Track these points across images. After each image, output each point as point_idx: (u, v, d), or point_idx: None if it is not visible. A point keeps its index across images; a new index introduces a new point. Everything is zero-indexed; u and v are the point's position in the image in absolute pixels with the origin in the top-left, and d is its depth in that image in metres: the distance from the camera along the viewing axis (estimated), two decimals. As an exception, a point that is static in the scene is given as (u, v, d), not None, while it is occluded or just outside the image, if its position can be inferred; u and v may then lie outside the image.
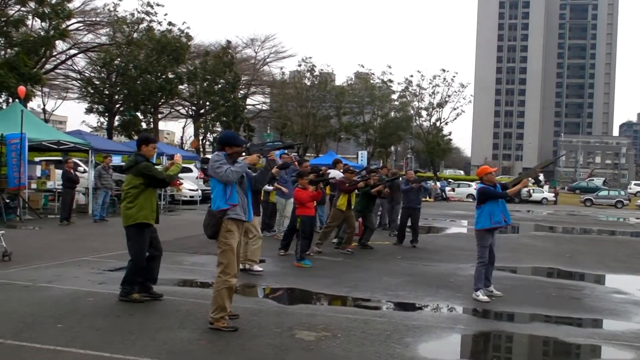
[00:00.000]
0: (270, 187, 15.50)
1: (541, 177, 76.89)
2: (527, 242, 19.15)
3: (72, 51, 43.77)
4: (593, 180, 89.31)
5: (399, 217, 17.79)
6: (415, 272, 12.10)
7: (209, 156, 11.43)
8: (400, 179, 17.72)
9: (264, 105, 68.71)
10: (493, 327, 8.33)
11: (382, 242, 16.35)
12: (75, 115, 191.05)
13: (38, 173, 22.78)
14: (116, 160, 32.82)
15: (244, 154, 7.45)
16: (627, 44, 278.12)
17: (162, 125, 58.76)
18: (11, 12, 30.58)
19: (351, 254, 14.07)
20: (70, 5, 33.21)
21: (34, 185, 22.07)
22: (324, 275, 11.08)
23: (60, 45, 38.69)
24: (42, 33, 31.75)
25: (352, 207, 14.27)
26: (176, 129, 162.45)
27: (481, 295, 9.37)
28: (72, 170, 19.67)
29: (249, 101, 62.25)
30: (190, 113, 59.63)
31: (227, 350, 6.38)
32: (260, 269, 10.96)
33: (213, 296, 7.11)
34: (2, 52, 30.18)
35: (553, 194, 57.03)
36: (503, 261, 12.98)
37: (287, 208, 15.52)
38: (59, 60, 43.57)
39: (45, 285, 9.24)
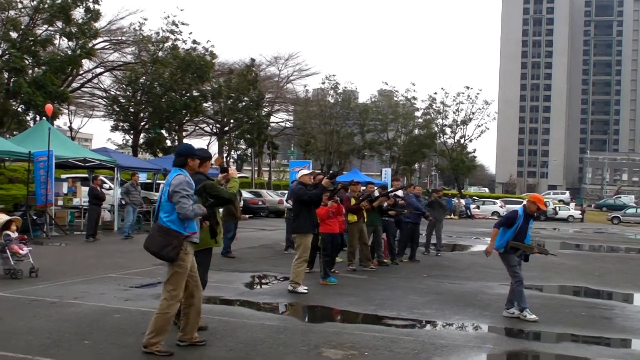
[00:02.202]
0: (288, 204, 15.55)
1: (566, 194, 75.85)
2: (555, 260, 18.81)
3: (98, 70, 44.43)
4: (620, 197, 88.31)
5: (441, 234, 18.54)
6: (442, 290, 11.98)
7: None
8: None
9: (287, 122, 68.96)
10: (522, 346, 8.18)
11: (408, 261, 16.22)
12: (100, 133, 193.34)
13: (65, 190, 22.99)
14: (142, 177, 33.15)
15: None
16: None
17: (186, 142, 59.10)
18: (39, 32, 31.00)
19: (375, 271, 13.99)
20: (97, 25, 33.71)
21: (60, 202, 22.25)
22: (349, 293, 11.00)
23: (86, 63, 39.25)
24: (69, 52, 32.15)
25: (364, 221, 14.18)
26: (200, 146, 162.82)
27: (529, 315, 9.21)
28: (98, 188, 19.79)
29: (272, 119, 62.55)
30: (215, 130, 59.94)
31: (253, 369, 6.32)
32: (305, 290, 10.83)
33: (154, 318, 6.64)
34: (30, 71, 30.53)
35: (579, 212, 56.51)
36: (531, 280, 12.82)
37: None
38: (85, 79, 44.13)
39: (72, 301, 9.25)
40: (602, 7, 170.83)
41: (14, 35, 29.42)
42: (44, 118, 26.19)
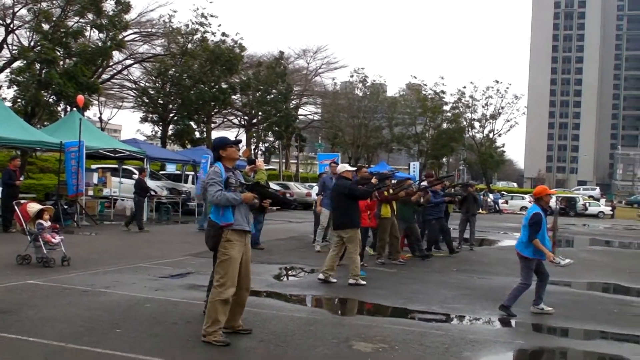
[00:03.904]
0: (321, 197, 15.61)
1: (596, 190, 74.89)
2: (585, 256, 18.70)
3: (128, 61, 44.70)
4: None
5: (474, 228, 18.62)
6: (471, 285, 11.91)
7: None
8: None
9: (315, 115, 68.94)
10: (554, 343, 8.12)
11: (437, 255, 16.14)
12: (129, 124, 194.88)
13: (95, 180, 23.19)
14: (170, 168, 33.35)
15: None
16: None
17: (214, 134, 59.36)
18: (70, 24, 31.26)
19: (403, 264, 13.96)
20: (127, 17, 33.89)
21: (90, 192, 22.46)
22: (379, 286, 10.97)
23: (116, 55, 39.48)
24: (99, 44, 32.39)
25: (395, 213, 14.20)
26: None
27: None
28: (145, 180, 20.24)
29: (300, 111, 62.59)
30: (243, 123, 60.12)
31: (284, 360, 6.33)
32: (364, 282, 10.95)
33: (207, 308, 6.84)
34: (62, 62, 30.80)
35: (610, 208, 55.80)
36: (561, 276, 12.67)
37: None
38: (115, 70, 44.45)
39: (104, 290, 9.35)
40: (635, 1, 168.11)
41: (45, 27, 29.66)
42: (74, 109, 26.45)
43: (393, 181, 15.36)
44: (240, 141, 7.62)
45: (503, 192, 61.77)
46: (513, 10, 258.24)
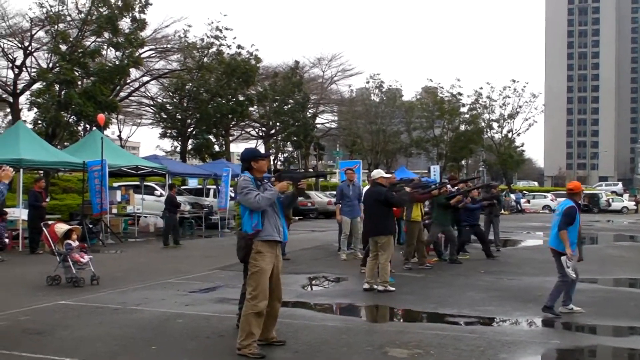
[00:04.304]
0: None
1: (619, 186, 74.10)
2: (613, 252, 18.55)
3: (145, 78, 44.85)
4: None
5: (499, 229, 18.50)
6: (500, 286, 11.83)
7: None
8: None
9: (333, 123, 68.90)
10: (590, 341, 8.06)
11: (463, 257, 16.04)
12: (148, 141, 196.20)
13: (118, 198, 23.33)
14: (192, 183, 33.48)
15: (273, 179, 7.34)
16: None
17: (233, 147, 59.55)
18: (87, 43, 31.55)
19: (430, 268, 13.89)
20: (143, 34, 34.12)
21: (114, 210, 22.60)
22: (407, 292, 10.94)
23: (133, 72, 39.70)
24: (116, 62, 32.64)
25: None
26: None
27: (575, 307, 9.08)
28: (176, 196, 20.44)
29: (318, 120, 62.49)
30: (261, 134, 60.18)
31: (320, 370, 6.31)
32: (393, 289, 10.96)
33: (241, 321, 6.83)
34: (80, 82, 31.06)
35: (633, 203, 55.35)
36: (591, 273, 12.56)
37: (354, 227, 15.51)
38: (132, 88, 44.69)
39: (135, 307, 9.39)
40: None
41: (63, 47, 29.95)
42: (94, 128, 26.66)
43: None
44: (270, 155, 7.69)
45: (524, 192, 61.42)
46: (527, 7, 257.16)
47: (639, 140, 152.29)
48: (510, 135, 71.37)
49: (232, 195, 26.26)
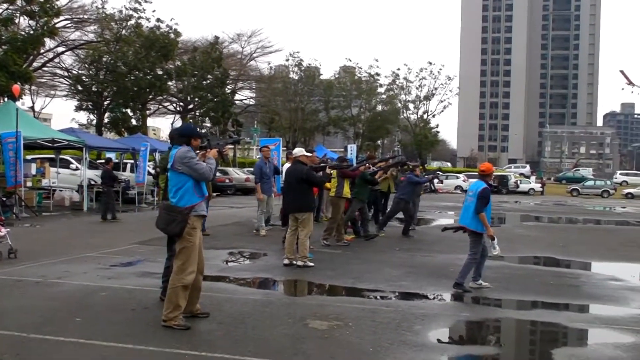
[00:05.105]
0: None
1: (527, 168, 76.75)
2: (521, 232, 19.44)
3: (60, 49, 43.61)
4: (579, 170, 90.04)
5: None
6: (415, 263, 12.33)
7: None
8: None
9: (251, 100, 68.71)
10: (497, 313, 8.59)
11: (381, 235, 16.48)
12: (60, 113, 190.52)
13: (33, 171, 22.80)
14: (108, 156, 32.88)
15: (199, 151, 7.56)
16: (610, 34, 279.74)
17: (150, 121, 58.67)
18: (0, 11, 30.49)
19: (347, 245, 14.23)
20: (58, 3, 33.15)
21: (29, 184, 22.10)
22: (326, 267, 11.26)
23: (47, 42, 38.55)
24: (30, 31, 31.64)
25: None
26: (164, 125, 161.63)
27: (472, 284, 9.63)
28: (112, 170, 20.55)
29: (236, 96, 62.19)
30: (179, 109, 59.53)
31: (245, 340, 6.55)
32: (312, 264, 11.27)
33: (167, 293, 6.95)
34: (-9, 51, 30.02)
35: (540, 185, 57.50)
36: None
37: (269, 203, 16.14)
38: (46, 58, 43.40)
39: (56, 281, 9.39)
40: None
41: (-27, 14, 28.94)
42: (6, 99, 25.89)
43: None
44: (203, 135, 7.87)
45: (438, 172, 62.83)
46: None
47: (546, 124, 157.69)
48: (425, 116, 73.05)
49: (150, 170, 26.09)
